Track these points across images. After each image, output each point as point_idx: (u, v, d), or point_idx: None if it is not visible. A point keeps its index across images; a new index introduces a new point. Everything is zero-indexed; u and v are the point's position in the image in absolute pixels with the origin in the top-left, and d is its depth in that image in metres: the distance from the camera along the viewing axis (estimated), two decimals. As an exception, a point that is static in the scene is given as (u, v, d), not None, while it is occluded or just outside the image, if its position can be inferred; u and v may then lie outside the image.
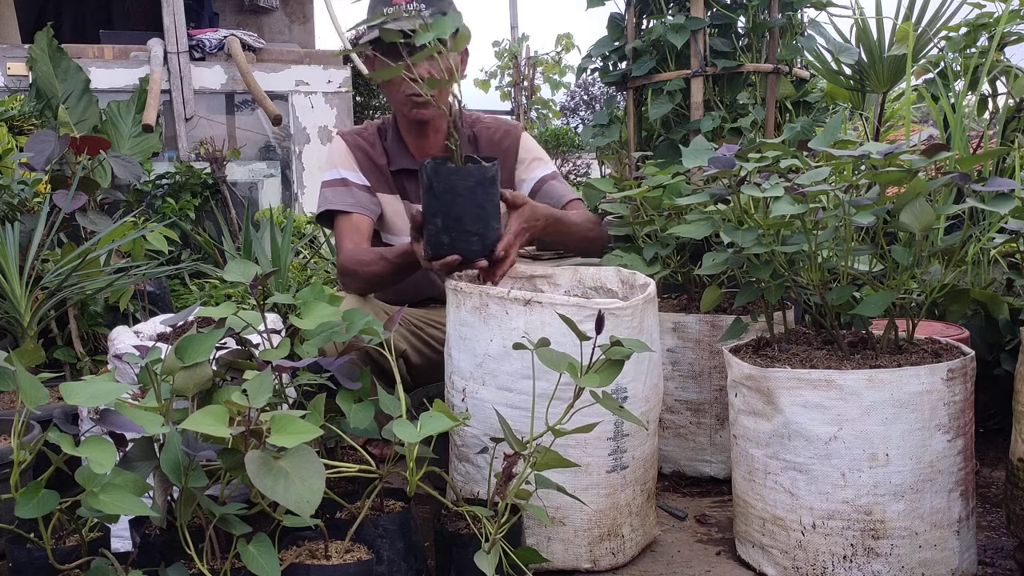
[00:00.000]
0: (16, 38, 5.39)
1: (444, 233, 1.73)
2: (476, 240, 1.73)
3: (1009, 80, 2.97)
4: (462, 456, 1.76)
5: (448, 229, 1.72)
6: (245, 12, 7.01)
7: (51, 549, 1.34)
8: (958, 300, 2.01)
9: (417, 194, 2.18)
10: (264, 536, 1.30)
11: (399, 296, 2.21)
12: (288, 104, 4.99)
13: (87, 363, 2.25)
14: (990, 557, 1.75)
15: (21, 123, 3.73)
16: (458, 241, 1.73)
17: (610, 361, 1.48)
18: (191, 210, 3.83)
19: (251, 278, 1.56)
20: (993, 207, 1.54)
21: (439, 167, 1.72)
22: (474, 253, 1.75)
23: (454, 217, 1.72)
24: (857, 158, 1.63)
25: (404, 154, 2.18)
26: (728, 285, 2.10)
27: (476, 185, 1.71)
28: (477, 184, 1.71)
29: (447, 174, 1.71)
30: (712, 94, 2.69)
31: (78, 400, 1.21)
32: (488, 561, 1.42)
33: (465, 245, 1.73)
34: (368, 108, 6.83)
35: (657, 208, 2.22)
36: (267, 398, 1.29)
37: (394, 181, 2.18)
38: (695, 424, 2.21)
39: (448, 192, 1.71)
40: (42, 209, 2.29)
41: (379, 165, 2.18)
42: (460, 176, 1.71)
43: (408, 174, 2.19)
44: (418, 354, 2.12)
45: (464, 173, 1.71)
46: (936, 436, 1.58)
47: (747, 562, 1.75)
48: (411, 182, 2.19)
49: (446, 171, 1.71)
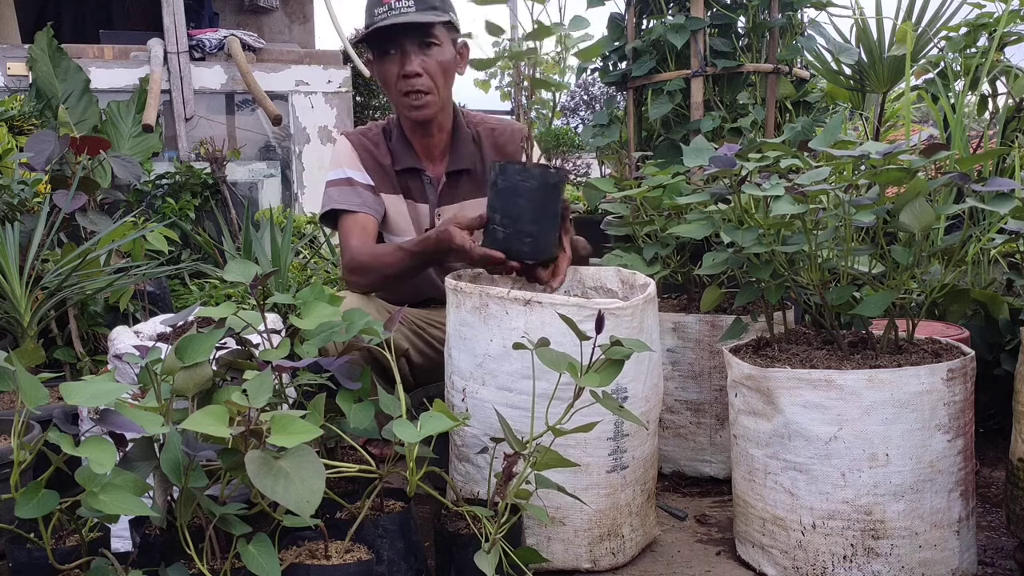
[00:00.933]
0: (16, 38, 5.39)
1: (500, 230, 1.79)
2: (529, 242, 1.78)
3: (1009, 80, 2.97)
4: (462, 456, 1.76)
5: (504, 226, 1.78)
6: (245, 12, 7.01)
7: (51, 549, 1.34)
8: (958, 300, 2.01)
9: (421, 194, 2.19)
10: (264, 536, 1.30)
11: (399, 296, 2.21)
12: (288, 104, 4.99)
13: (87, 363, 2.24)
14: (990, 557, 1.75)
15: (21, 123, 3.73)
16: (512, 239, 1.78)
17: (610, 361, 1.48)
18: (191, 210, 3.83)
19: (251, 278, 1.56)
20: (993, 207, 1.54)
21: (506, 165, 1.78)
22: (524, 254, 1.79)
23: (512, 216, 1.77)
24: (857, 158, 1.63)
25: (409, 154, 2.17)
26: (728, 285, 2.10)
27: (538, 188, 1.76)
28: (539, 187, 1.76)
29: (512, 172, 1.77)
30: (712, 94, 2.69)
31: (78, 400, 1.21)
32: (488, 561, 1.42)
33: (518, 244, 1.78)
34: (368, 108, 6.84)
35: (657, 208, 2.22)
36: (267, 398, 1.29)
37: (398, 181, 2.18)
38: (695, 424, 2.21)
39: (510, 190, 1.76)
40: (42, 209, 2.29)
41: (383, 165, 2.17)
42: (523, 176, 1.76)
43: (412, 174, 2.18)
44: (419, 354, 2.12)
45: (527, 174, 1.76)
46: (936, 436, 1.58)
47: (747, 562, 1.75)
48: (415, 182, 2.19)
49: (511, 169, 1.77)
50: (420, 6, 2.02)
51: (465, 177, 2.20)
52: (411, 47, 2.03)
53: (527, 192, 1.75)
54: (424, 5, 2.02)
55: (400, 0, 2.01)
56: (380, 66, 2.10)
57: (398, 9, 2.01)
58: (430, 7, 2.03)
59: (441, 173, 2.19)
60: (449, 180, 2.18)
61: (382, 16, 2.02)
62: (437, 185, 2.18)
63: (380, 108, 6.80)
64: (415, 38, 2.03)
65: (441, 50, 2.06)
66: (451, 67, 2.11)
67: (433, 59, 2.05)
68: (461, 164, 2.18)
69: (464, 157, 2.18)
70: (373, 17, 2.04)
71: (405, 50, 2.03)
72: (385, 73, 2.09)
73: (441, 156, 2.19)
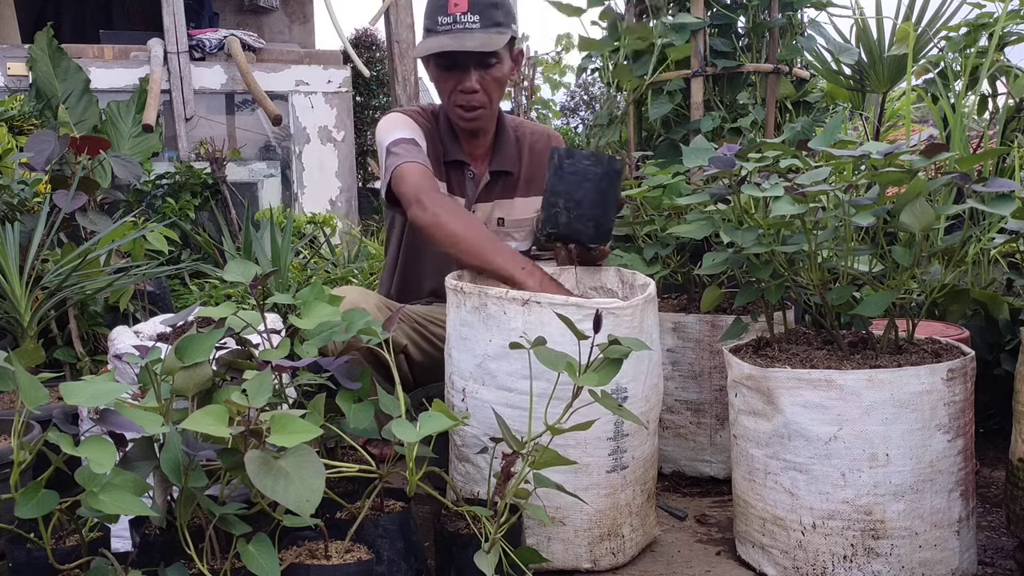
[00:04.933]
0: (16, 38, 5.39)
1: (564, 214, 1.84)
2: (592, 225, 1.85)
3: (1009, 80, 2.97)
4: (462, 456, 1.76)
5: (568, 211, 1.83)
6: (245, 12, 7.01)
7: (51, 549, 1.33)
8: (958, 300, 2.01)
9: (461, 188, 2.20)
10: (264, 536, 1.30)
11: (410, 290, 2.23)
12: (288, 104, 4.99)
13: (87, 363, 2.24)
14: (990, 557, 1.75)
15: (21, 123, 3.72)
16: (575, 222, 1.84)
17: (609, 360, 1.48)
18: (191, 210, 3.83)
19: (251, 278, 1.56)
20: (993, 207, 1.54)
21: (573, 151, 1.84)
22: (588, 237, 1.87)
23: (576, 199, 1.83)
24: (857, 158, 1.63)
25: (456, 147, 2.18)
26: (728, 285, 2.10)
27: (604, 174, 1.83)
28: (605, 174, 1.83)
29: (580, 157, 1.82)
30: (712, 94, 2.69)
31: (78, 400, 1.21)
32: (488, 561, 1.42)
33: (582, 227, 1.85)
34: (368, 108, 6.83)
35: (657, 208, 2.22)
36: (267, 398, 1.29)
37: (445, 171, 2.19)
38: (695, 424, 2.21)
39: (576, 175, 1.82)
40: (42, 209, 2.29)
41: (437, 152, 2.18)
42: (592, 162, 1.82)
43: (456, 166, 2.19)
44: (419, 351, 2.12)
45: (595, 159, 1.83)
46: (936, 436, 1.58)
47: (747, 562, 1.75)
48: (457, 175, 2.20)
49: (579, 155, 1.83)
50: (485, 22, 2.00)
51: (503, 178, 2.22)
52: (471, 63, 2.03)
53: (595, 177, 1.82)
54: (489, 21, 2.00)
55: (465, 14, 1.99)
56: (436, 71, 2.09)
57: (463, 23, 1.99)
58: (494, 23, 2.01)
59: (484, 171, 2.21)
60: (491, 179, 2.21)
61: (446, 27, 2.00)
62: (479, 182, 2.20)
63: (380, 108, 6.80)
64: (477, 56, 2.02)
65: (500, 66, 2.07)
66: (506, 79, 2.14)
67: (491, 75, 2.06)
68: (504, 165, 2.21)
69: (507, 159, 2.22)
70: (436, 25, 2.02)
71: (466, 67, 2.03)
72: (440, 80, 2.10)
73: (484, 155, 2.22)
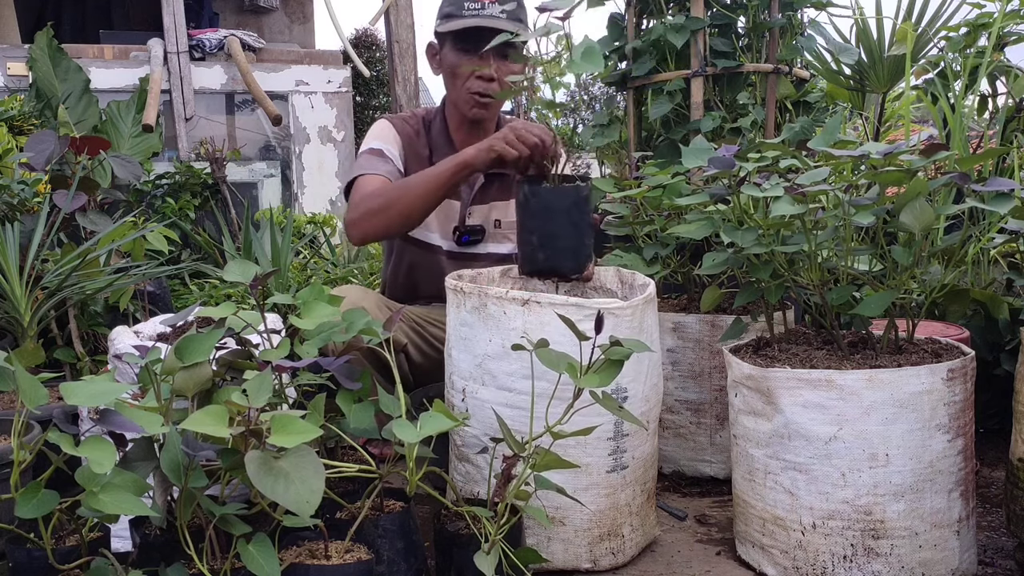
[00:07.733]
0: (16, 38, 5.39)
1: (540, 250, 1.78)
2: (570, 256, 1.78)
3: (1009, 80, 2.97)
4: (462, 456, 1.76)
5: (544, 247, 1.77)
6: (245, 12, 7.01)
7: (51, 549, 1.33)
8: (958, 300, 2.01)
9: (456, 191, 2.18)
10: (264, 536, 1.30)
11: (406, 294, 2.23)
12: (288, 104, 4.99)
13: (87, 363, 2.24)
14: (990, 557, 1.75)
15: (21, 123, 3.72)
16: (553, 258, 1.78)
17: (609, 361, 1.48)
18: (191, 210, 3.82)
19: (251, 278, 1.55)
20: (993, 207, 1.54)
21: (535, 187, 1.77)
22: (568, 269, 1.80)
23: (549, 235, 1.76)
24: (857, 158, 1.63)
25: (448, 148, 2.18)
26: (728, 285, 2.10)
27: (572, 205, 1.76)
28: (573, 204, 1.76)
29: (544, 193, 1.76)
30: (712, 94, 2.69)
31: (78, 400, 1.21)
32: (488, 561, 1.42)
33: (560, 262, 1.78)
34: (368, 108, 6.84)
35: (657, 208, 2.22)
36: (267, 398, 1.29)
37: None
38: (695, 424, 2.21)
39: (544, 211, 1.75)
40: (42, 209, 2.29)
41: (421, 156, 2.18)
42: (557, 196, 1.75)
43: None
44: (419, 352, 2.12)
45: (561, 193, 1.76)
46: (936, 436, 1.58)
47: (747, 562, 1.75)
48: None
49: (543, 191, 1.76)
50: (511, 16, 2.04)
51: (499, 180, 2.21)
52: (493, 51, 2.03)
53: (563, 209, 1.75)
54: (514, 16, 2.05)
55: (493, 3, 2.03)
56: (454, 57, 2.10)
57: (490, 12, 2.03)
58: (517, 19, 2.06)
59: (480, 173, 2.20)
60: (487, 181, 2.20)
61: (472, 13, 2.03)
62: (474, 184, 2.20)
63: (380, 108, 6.80)
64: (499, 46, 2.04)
65: (514, 63, 2.08)
66: None
67: (508, 68, 2.07)
68: None
69: None
70: (462, 10, 2.05)
71: (486, 54, 2.04)
72: (457, 66, 2.10)
73: None
